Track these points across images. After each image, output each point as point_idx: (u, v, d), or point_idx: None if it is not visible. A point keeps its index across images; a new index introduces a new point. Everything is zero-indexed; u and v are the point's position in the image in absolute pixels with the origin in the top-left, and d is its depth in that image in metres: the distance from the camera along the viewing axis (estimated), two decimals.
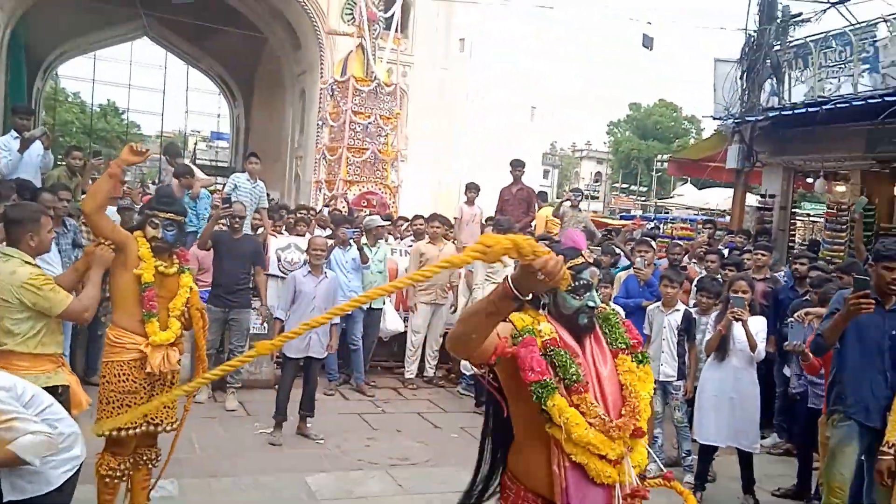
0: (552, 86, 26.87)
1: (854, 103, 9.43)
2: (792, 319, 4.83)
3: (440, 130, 23.14)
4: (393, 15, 12.62)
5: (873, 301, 3.74)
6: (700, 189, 22.70)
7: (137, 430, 3.90)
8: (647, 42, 13.09)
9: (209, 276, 6.70)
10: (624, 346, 2.31)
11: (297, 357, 6.00)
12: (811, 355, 4.65)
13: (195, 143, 40.41)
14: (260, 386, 7.15)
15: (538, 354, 2.14)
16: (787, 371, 6.12)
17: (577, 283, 2.23)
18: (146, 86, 35.56)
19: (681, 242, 9.90)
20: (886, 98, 9.01)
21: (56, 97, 39.30)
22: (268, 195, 9.33)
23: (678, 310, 5.55)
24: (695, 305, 5.82)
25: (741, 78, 11.36)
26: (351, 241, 7.46)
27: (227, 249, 6.61)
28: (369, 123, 11.44)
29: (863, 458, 3.98)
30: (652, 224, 15.29)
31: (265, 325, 7.29)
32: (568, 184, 49.85)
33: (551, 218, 9.77)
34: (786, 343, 4.88)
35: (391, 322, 8.01)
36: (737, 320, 4.96)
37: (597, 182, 54.23)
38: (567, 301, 2.23)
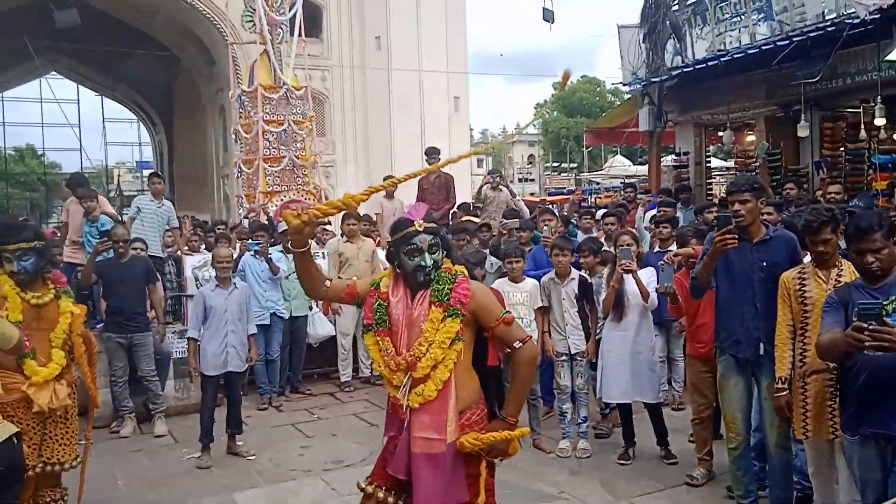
0: (474, 76, 26.89)
1: (750, 52, 9.67)
2: (662, 262, 4.89)
3: (367, 130, 22.99)
4: (294, 16, 12.34)
5: (736, 237, 3.78)
6: (637, 162, 23.08)
7: (32, 472, 3.70)
8: (548, 16, 13.12)
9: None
10: (438, 300, 2.75)
11: (216, 374, 5.81)
12: (679, 298, 4.74)
13: (118, 175, 39.28)
14: (189, 411, 6.91)
15: (372, 303, 2.86)
16: None
17: (409, 247, 2.78)
18: (61, 122, 34.41)
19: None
20: (779, 43, 9.26)
21: None
22: (188, 216, 9.12)
23: (573, 278, 5.49)
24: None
25: (643, 41, 11.53)
26: (255, 252, 7.30)
27: (115, 276, 6.42)
28: (283, 131, 11.20)
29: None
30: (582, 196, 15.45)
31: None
32: (502, 170, 50.13)
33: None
34: (657, 286, 4.93)
35: (321, 327, 7.88)
36: (626, 272, 4.99)
37: (530, 164, 54.67)
38: (404, 262, 2.81)
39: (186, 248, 8.91)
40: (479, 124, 43.91)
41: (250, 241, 7.60)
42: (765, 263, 3.89)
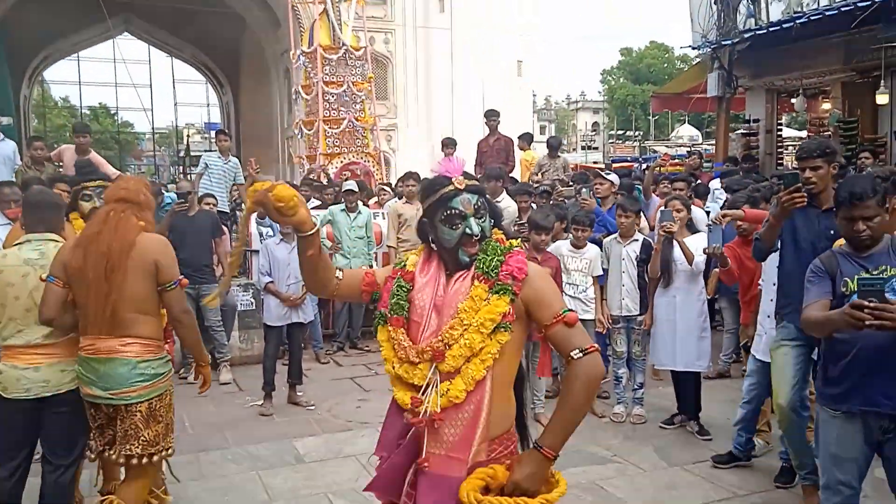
0: (539, 39, 26.47)
1: (828, 13, 9.24)
2: (710, 222, 4.77)
3: (429, 93, 22.95)
4: None
5: (805, 195, 3.63)
6: (704, 133, 22.46)
7: None
8: None
9: None
10: (484, 274, 2.09)
11: (279, 325, 6.01)
12: (729, 261, 4.59)
13: (188, 136, 40.27)
14: (252, 362, 7.16)
15: (392, 285, 2.20)
16: None
17: (448, 212, 2.11)
18: (133, 82, 35.42)
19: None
20: (860, 4, 8.82)
21: (45, 103, 39.25)
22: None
23: (636, 239, 5.42)
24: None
25: (715, 2, 11.14)
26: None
27: (183, 229, 6.60)
28: (342, 92, 11.29)
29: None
30: (645, 165, 15.16)
31: (252, 300, 7.34)
32: (566, 137, 49.48)
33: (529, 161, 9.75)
34: (705, 247, 4.83)
35: None
36: (667, 234, 4.90)
37: (594, 132, 53.74)
38: (443, 233, 2.12)
39: None
40: (543, 90, 43.29)
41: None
42: (832, 232, 3.64)
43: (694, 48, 12.07)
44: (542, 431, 2.08)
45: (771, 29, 10.20)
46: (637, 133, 45.21)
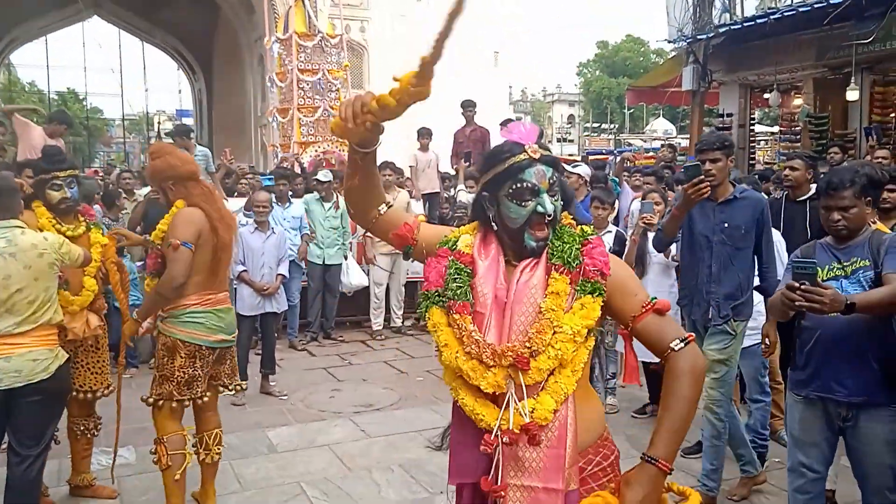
0: (515, 30, 26.43)
1: (801, 10, 9.36)
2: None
3: None
4: None
5: (709, 186, 3.61)
6: (678, 128, 22.64)
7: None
8: None
9: None
10: (565, 265, 1.77)
11: (252, 314, 5.96)
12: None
13: (158, 123, 39.68)
14: None
15: (442, 266, 1.84)
16: None
17: (517, 185, 1.78)
18: (102, 67, 34.86)
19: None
20: (832, 1, 8.94)
21: (12, 87, 38.43)
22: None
23: (609, 231, 5.41)
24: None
25: None
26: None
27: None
28: (318, 80, 11.20)
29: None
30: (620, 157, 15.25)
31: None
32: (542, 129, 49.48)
33: None
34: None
35: (355, 277, 7.96)
36: (646, 226, 4.92)
37: (569, 124, 53.94)
38: (509, 209, 1.79)
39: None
40: (519, 83, 43.33)
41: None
42: (726, 225, 3.77)
43: (669, 42, 12.16)
44: (651, 441, 1.79)
45: (745, 24, 10.31)
46: (612, 126, 45.45)
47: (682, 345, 1.75)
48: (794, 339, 3.08)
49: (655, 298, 1.80)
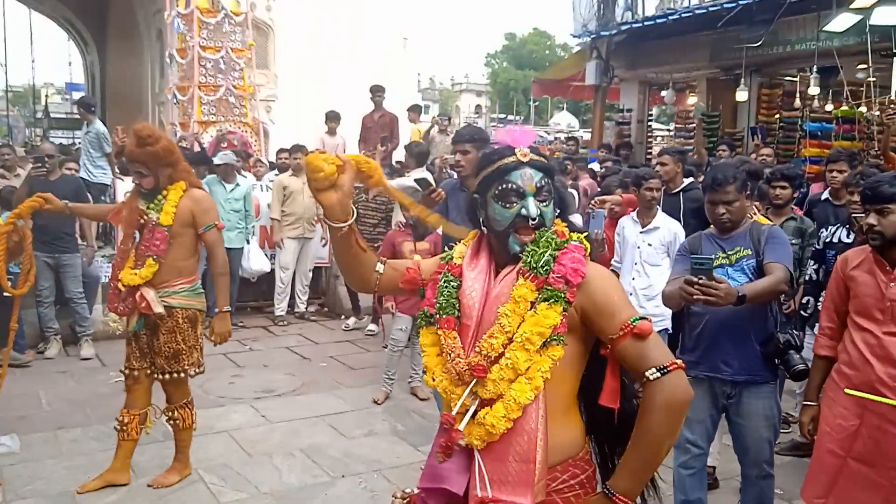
0: (424, 17, 26.46)
1: (697, 12, 9.79)
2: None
3: (313, 65, 22.39)
4: None
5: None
6: (581, 122, 23.24)
7: None
8: None
9: None
10: (531, 270, 1.71)
11: None
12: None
13: (46, 97, 37.36)
14: (118, 337, 6.83)
15: (436, 283, 1.86)
16: None
17: (503, 187, 1.75)
18: None
19: None
20: (726, 5, 9.40)
21: None
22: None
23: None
24: None
25: None
26: None
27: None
28: (220, 58, 10.81)
29: None
30: None
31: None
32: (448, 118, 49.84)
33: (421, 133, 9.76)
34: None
35: (256, 262, 7.78)
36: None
37: (476, 114, 54.50)
38: (495, 211, 1.76)
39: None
40: (428, 70, 43.59)
41: None
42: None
43: (574, 37, 12.47)
44: (615, 472, 1.73)
45: (646, 23, 10.71)
46: (518, 117, 46.23)
47: (659, 374, 1.63)
48: (683, 324, 3.26)
49: (638, 319, 1.67)
